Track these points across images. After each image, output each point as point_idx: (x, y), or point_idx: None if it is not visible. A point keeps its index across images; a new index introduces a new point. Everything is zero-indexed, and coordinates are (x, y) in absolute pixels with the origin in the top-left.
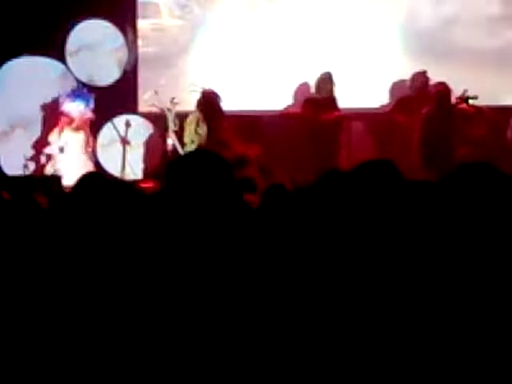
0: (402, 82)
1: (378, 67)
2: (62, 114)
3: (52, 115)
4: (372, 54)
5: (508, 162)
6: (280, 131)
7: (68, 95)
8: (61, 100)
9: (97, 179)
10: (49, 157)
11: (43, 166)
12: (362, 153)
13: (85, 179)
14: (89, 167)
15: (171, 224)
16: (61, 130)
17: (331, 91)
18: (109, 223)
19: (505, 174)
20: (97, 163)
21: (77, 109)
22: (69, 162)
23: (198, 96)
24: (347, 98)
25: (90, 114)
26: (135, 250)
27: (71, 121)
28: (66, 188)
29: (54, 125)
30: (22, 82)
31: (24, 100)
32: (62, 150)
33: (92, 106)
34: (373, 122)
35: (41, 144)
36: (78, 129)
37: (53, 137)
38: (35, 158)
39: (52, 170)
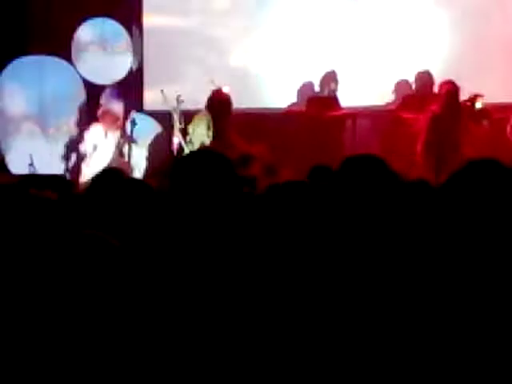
0: (406, 80)
1: (382, 65)
2: (104, 112)
3: (85, 115)
4: (376, 52)
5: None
6: (285, 129)
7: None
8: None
9: (112, 176)
10: (82, 157)
11: (77, 167)
12: (367, 151)
13: (100, 176)
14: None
15: (177, 221)
16: (92, 130)
17: (334, 90)
18: (119, 219)
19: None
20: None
21: (117, 107)
22: (101, 162)
23: (206, 95)
24: (352, 97)
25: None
26: (143, 245)
27: (111, 119)
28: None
29: (85, 125)
30: (27, 80)
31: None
32: (94, 149)
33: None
34: (377, 120)
35: (75, 145)
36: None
37: (86, 137)
38: (68, 158)
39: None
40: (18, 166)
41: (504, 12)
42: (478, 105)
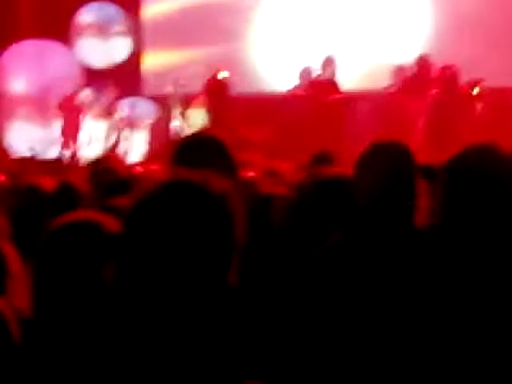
0: (405, 64)
1: (380, 49)
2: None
3: (70, 106)
4: (374, 36)
5: None
6: (285, 113)
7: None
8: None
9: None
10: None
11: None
12: (367, 133)
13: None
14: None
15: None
16: (82, 120)
17: (333, 74)
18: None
19: (507, 159)
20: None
21: (85, 97)
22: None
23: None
24: (351, 80)
25: (105, 101)
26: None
27: (86, 109)
28: None
29: (75, 115)
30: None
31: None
32: (90, 138)
33: (110, 92)
34: (377, 103)
35: (69, 134)
36: (99, 116)
37: (80, 126)
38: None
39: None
40: (17, 148)
41: None
42: (476, 90)
